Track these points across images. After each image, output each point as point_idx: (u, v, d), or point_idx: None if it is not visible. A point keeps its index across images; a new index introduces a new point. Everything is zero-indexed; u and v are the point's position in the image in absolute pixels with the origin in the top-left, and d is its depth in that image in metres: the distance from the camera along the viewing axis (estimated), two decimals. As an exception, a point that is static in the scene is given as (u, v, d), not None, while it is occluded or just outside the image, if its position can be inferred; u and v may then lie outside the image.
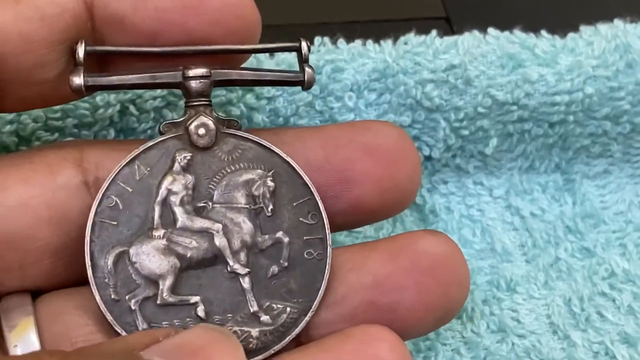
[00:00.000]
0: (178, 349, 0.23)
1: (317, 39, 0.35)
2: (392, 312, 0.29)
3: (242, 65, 0.30)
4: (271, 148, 0.29)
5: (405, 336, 0.29)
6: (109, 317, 0.27)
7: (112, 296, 0.28)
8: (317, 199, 0.29)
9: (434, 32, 0.35)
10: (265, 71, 0.30)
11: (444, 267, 0.29)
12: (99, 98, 0.32)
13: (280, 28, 0.32)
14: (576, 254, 0.36)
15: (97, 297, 0.27)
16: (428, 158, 0.37)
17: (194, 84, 0.28)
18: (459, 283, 0.29)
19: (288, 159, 0.29)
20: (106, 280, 0.28)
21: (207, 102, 0.29)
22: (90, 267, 0.28)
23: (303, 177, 0.29)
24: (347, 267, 0.29)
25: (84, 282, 0.28)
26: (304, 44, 0.30)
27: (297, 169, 0.29)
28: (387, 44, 0.35)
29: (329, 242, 0.29)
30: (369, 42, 0.35)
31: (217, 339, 0.24)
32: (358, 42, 0.35)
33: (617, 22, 0.37)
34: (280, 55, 0.34)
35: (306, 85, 0.30)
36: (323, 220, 0.29)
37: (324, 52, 0.35)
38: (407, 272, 0.29)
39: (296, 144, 0.30)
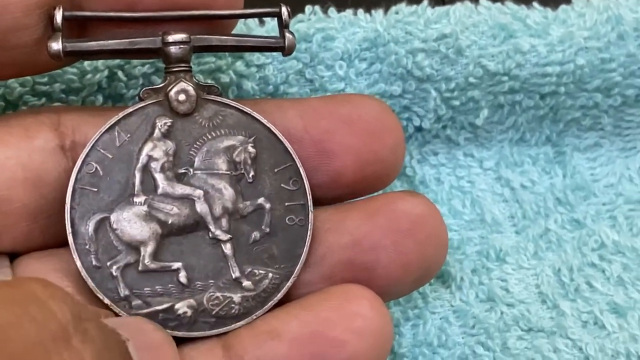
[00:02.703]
0: (126, 325, 0.23)
1: (308, 8, 0.33)
2: (370, 270, 0.27)
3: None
4: (252, 114, 0.28)
5: (385, 296, 0.28)
6: (91, 284, 0.26)
7: (94, 263, 0.26)
8: (299, 165, 0.28)
9: (425, 2, 0.33)
10: (246, 37, 0.29)
11: (422, 227, 0.28)
12: (87, 63, 0.30)
13: (273, -2, 0.30)
14: (566, 225, 0.34)
15: (79, 264, 0.26)
16: (418, 129, 0.35)
17: (173, 49, 0.27)
18: (436, 242, 0.28)
19: (269, 125, 0.28)
20: (87, 246, 0.26)
21: (187, 68, 0.27)
22: (71, 234, 0.26)
23: (284, 143, 0.28)
24: (325, 227, 0.28)
25: (61, 245, 0.27)
26: (284, 9, 0.28)
27: (278, 135, 0.28)
28: (378, 13, 0.33)
29: (311, 208, 0.28)
30: (360, 11, 0.33)
31: (156, 329, 0.24)
32: (349, 11, 0.33)
33: (609, -7, 0.35)
34: (270, 23, 0.32)
35: (287, 51, 0.28)
36: (304, 186, 0.28)
37: (314, 20, 0.33)
38: (385, 231, 0.28)
39: (276, 113, 0.28)
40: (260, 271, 0.27)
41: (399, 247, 0.28)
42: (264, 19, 0.32)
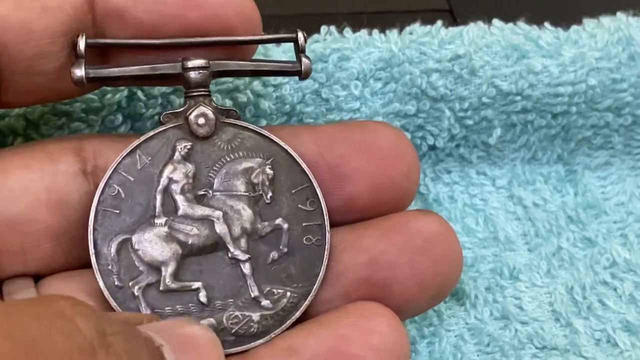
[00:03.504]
0: (168, 330, 0.23)
1: (324, 28, 0.33)
2: (387, 288, 0.28)
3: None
4: (270, 137, 0.28)
5: (401, 314, 0.28)
6: (113, 303, 0.26)
7: (116, 283, 0.27)
8: (315, 186, 0.28)
9: (439, 23, 0.34)
10: (264, 62, 0.29)
11: (437, 245, 0.28)
12: (107, 83, 0.31)
13: (286, 18, 0.31)
14: (578, 243, 0.34)
15: (101, 284, 0.26)
16: (432, 147, 0.35)
17: (193, 74, 0.27)
18: (451, 260, 0.28)
19: (286, 147, 0.28)
20: (110, 267, 0.27)
21: (206, 93, 0.28)
22: (94, 255, 0.27)
23: (301, 164, 0.28)
24: (341, 246, 0.28)
25: (83, 267, 0.27)
26: (300, 35, 0.29)
27: (295, 157, 0.28)
28: (392, 33, 0.33)
29: (328, 227, 0.28)
30: (375, 31, 0.34)
31: (201, 331, 0.24)
32: (364, 32, 0.34)
33: (620, 15, 0.35)
34: (287, 44, 0.32)
35: (303, 75, 0.29)
36: (321, 206, 0.28)
37: (330, 40, 0.33)
38: (401, 249, 0.28)
39: (291, 139, 0.29)
40: (279, 290, 0.27)
41: (414, 264, 0.28)
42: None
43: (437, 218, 0.29)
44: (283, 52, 0.32)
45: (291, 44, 0.32)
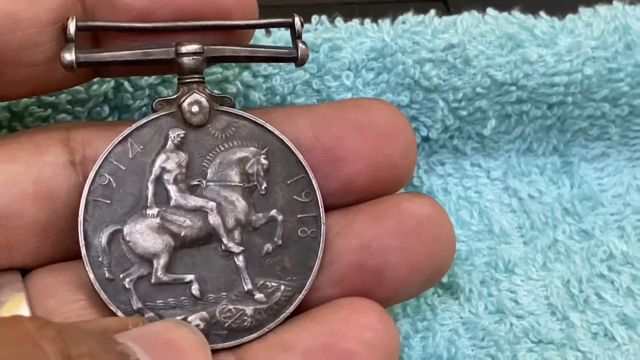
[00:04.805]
0: (150, 336, 0.23)
1: (315, 18, 0.34)
2: (379, 273, 0.28)
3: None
4: (265, 125, 0.28)
5: (394, 299, 0.29)
6: (104, 296, 0.27)
7: (107, 275, 0.27)
8: (311, 177, 0.28)
9: (432, 12, 0.34)
10: (259, 47, 0.29)
11: (429, 228, 0.29)
12: (94, 74, 0.31)
13: (277, 8, 0.31)
14: (574, 236, 0.35)
15: (92, 276, 0.27)
16: (426, 139, 0.36)
17: (186, 60, 0.28)
18: (444, 243, 0.29)
19: (282, 136, 0.28)
20: (100, 259, 0.27)
21: (200, 79, 0.28)
22: (84, 246, 0.27)
23: (296, 154, 0.28)
24: (333, 231, 0.29)
25: (71, 260, 0.27)
26: (297, 20, 0.29)
27: (290, 146, 0.28)
28: (385, 23, 0.34)
29: (323, 220, 0.28)
30: (367, 21, 0.34)
31: (187, 334, 0.24)
32: (356, 21, 0.34)
33: (617, 3, 0.36)
34: (277, 33, 0.33)
35: (299, 62, 0.29)
36: (317, 198, 0.28)
37: (321, 30, 0.34)
38: (393, 233, 0.28)
39: (286, 123, 0.29)
40: (273, 283, 0.28)
41: (407, 248, 0.28)
42: (270, 29, 0.33)
43: (430, 200, 0.29)
44: (273, 43, 0.33)
45: (281, 35, 0.33)
